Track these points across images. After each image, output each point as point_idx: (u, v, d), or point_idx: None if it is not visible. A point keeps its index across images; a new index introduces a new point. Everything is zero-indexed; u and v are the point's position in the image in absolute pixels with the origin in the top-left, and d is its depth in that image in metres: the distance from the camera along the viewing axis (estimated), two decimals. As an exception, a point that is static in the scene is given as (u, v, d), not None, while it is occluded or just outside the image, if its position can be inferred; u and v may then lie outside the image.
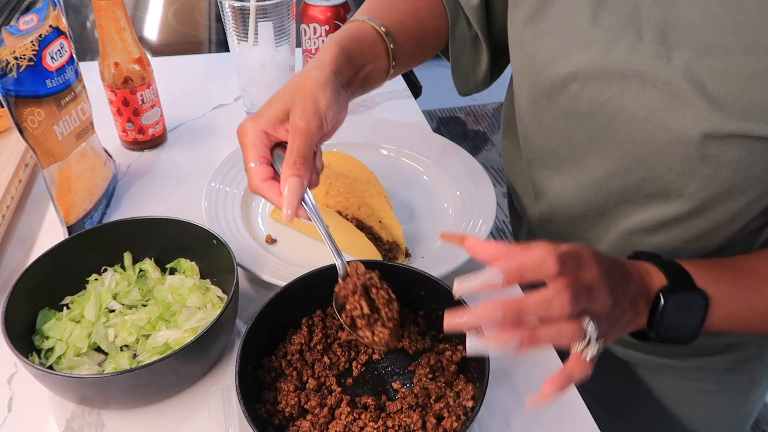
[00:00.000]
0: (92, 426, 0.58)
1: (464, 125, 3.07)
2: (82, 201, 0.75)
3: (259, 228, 0.79)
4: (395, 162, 0.91)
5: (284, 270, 0.70)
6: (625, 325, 0.52)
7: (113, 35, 0.83)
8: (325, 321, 0.63)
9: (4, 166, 0.81)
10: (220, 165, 0.84)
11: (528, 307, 0.43)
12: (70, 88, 0.72)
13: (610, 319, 0.48)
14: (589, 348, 0.46)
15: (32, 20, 0.65)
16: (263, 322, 0.58)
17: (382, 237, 0.75)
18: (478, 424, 0.58)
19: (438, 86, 3.30)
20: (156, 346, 0.61)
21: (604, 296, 0.46)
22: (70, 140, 0.73)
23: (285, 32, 0.91)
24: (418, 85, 1.34)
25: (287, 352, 0.60)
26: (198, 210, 0.78)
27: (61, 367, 0.59)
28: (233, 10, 0.88)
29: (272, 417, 0.56)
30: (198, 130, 0.99)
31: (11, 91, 0.63)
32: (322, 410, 0.56)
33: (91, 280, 0.66)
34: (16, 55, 0.63)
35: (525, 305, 0.43)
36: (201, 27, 1.42)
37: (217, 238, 0.65)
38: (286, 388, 0.57)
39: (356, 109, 1.06)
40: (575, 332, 0.45)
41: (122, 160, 0.91)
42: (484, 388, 0.52)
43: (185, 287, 0.65)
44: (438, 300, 0.61)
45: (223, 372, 0.63)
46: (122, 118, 0.89)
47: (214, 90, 1.09)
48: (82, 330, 0.61)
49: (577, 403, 0.61)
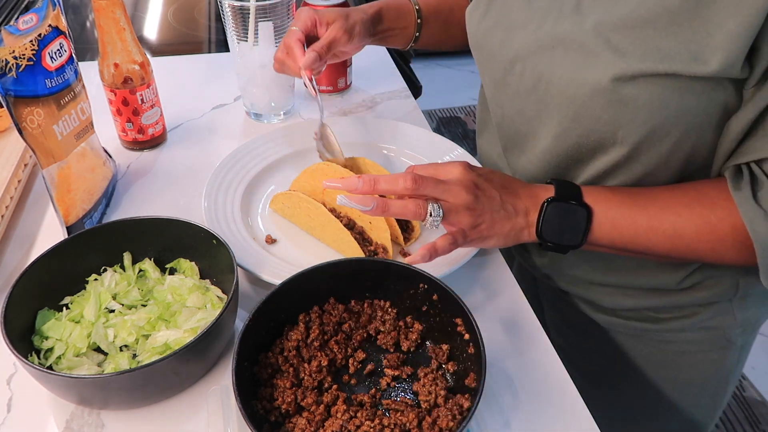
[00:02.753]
0: (92, 426, 0.58)
1: (464, 125, 3.07)
2: (81, 201, 0.75)
3: (259, 228, 0.79)
4: (395, 162, 0.91)
5: (284, 270, 0.70)
6: (513, 229, 0.65)
7: (113, 35, 0.83)
8: (322, 317, 0.63)
9: (4, 166, 0.81)
10: (220, 165, 0.84)
11: (380, 180, 0.61)
12: (69, 87, 0.72)
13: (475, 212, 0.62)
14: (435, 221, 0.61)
15: (31, 20, 0.65)
16: (260, 319, 0.58)
17: (372, 239, 0.75)
18: (477, 424, 0.58)
19: (438, 86, 3.31)
20: (156, 346, 0.61)
21: (458, 189, 0.61)
22: (69, 140, 0.73)
23: (285, 32, 0.91)
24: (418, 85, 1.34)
25: (284, 348, 0.60)
26: (198, 210, 0.78)
27: (61, 368, 0.59)
28: (233, 9, 0.88)
29: (269, 414, 0.56)
30: (198, 130, 0.99)
31: (10, 90, 0.63)
32: (318, 407, 0.56)
33: (90, 280, 0.66)
34: (15, 54, 0.63)
35: (378, 179, 0.61)
36: (201, 27, 1.42)
37: (217, 238, 0.65)
38: (282, 384, 0.57)
39: (356, 109, 1.06)
40: (417, 208, 0.61)
41: (122, 160, 0.91)
42: (480, 388, 0.52)
43: (185, 287, 0.65)
44: (437, 300, 0.61)
45: (223, 372, 0.63)
46: (122, 118, 0.89)
47: (214, 90, 1.09)
48: (82, 330, 0.61)
49: (577, 403, 0.61)
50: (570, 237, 0.65)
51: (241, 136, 0.98)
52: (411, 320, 0.64)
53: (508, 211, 0.64)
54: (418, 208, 0.61)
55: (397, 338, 0.63)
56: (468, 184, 0.62)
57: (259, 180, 0.85)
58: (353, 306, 0.65)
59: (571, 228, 0.65)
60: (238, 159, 0.86)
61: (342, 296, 0.64)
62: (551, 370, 0.64)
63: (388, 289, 0.64)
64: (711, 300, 0.77)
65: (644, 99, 0.58)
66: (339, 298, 0.64)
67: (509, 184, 0.66)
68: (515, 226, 0.65)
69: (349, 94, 1.10)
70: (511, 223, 0.64)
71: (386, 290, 0.64)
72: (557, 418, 0.60)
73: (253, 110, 1.01)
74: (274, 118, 1.01)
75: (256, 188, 0.84)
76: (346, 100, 1.08)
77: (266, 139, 0.90)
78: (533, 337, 0.68)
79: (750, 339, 0.84)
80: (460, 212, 0.62)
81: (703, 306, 0.78)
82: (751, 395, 1.86)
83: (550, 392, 0.62)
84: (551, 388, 0.62)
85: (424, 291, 0.62)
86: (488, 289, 0.73)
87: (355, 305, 0.65)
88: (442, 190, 0.62)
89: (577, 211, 0.64)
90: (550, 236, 0.65)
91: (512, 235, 0.65)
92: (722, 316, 0.78)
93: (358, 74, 1.13)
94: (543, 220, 0.64)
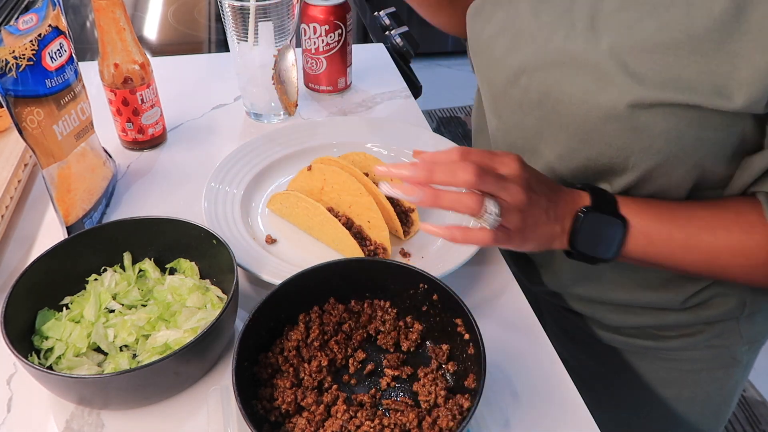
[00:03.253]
0: (92, 426, 0.58)
1: (464, 125, 3.07)
2: (81, 201, 0.75)
3: (259, 228, 0.79)
4: (395, 162, 0.91)
5: (284, 270, 0.70)
6: (550, 235, 0.61)
7: (113, 35, 0.82)
8: (323, 317, 0.63)
9: (4, 166, 0.81)
10: (219, 165, 0.84)
11: (437, 169, 0.54)
12: (69, 87, 0.72)
13: (526, 215, 0.57)
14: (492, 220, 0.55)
15: (31, 20, 0.65)
16: (260, 319, 0.58)
17: (371, 237, 0.75)
18: (477, 424, 0.57)
19: (438, 86, 3.31)
20: (156, 346, 0.61)
21: (516, 189, 0.56)
22: (69, 140, 0.73)
23: (285, 32, 0.91)
24: (418, 85, 1.34)
25: (284, 348, 0.60)
26: (198, 210, 0.78)
27: (61, 368, 0.59)
28: (233, 9, 0.88)
29: (269, 414, 0.56)
30: (198, 130, 0.99)
31: (10, 90, 0.63)
32: (318, 408, 0.56)
33: (90, 280, 0.66)
34: (15, 54, 0.63)
35: (435, 167, 0.54)
36: (201, 27, 1.42)
37: (217, 238, 0.65)
38: (282, 384, 0.57)
39: (356, 109, 1.06)
40: (474, 204, 0.54)
41: (122, 160, 0.91)
42: (480, 388, 0.52)
43: (185, 287, 0.65)
44: (437, 300, 0.61)
45: (223, 372, 0.63)
46: (122, 118, 0.89)
47: (214, 90, 1.09)
48: (82, 330, 0.61)
49: (577, 403, 0.61)
50: (603, 249, 0.62)
51: (241, 136, 0.98)
52: (411, 320, 0.64)
53: (550, 216, 0.60)
54: (475, 203, 0.55)
55: (397, 338, 0.63)
56: (525, 184, 0.57)
57: (259, 180, 0.85)
58: (353, 306, 0.65)
59: (605, 240, 0.61)
60: (238, 159, 0.86)
61: (342, 296, 0.64)
62: (551, 370, 0.64)
63: (388, 289, 0.64)
64: (717, 318, 0.75)
65: (661, 128, 0.56)
66: (339, 298, 0.64)
67: (552, 187, 0.62)
68: (552, 233, 0.61)
69: (349, 94, 1.10)
70: (550, 229, 0.61)
71: (386, 290, 0.64)
72: (557, 418, 0.60)
73: (253, 110, 1.01)
74: (274, 118, 1.01)
75: (256, 188, 0.84)
76: (346, 100, 1.08)
77: (266, 139, 0.90)
78: (533, 338, 0.68)
79: (755, 355, 0.82)
80: (513, 213, 0.57)
81: (709, 324, 0.76)
82: (751, 395, 1.86)
83: (550, 392, 0.62)
84: (551, 389, 0.62)
85: (424, 291, 0.62)
86: (488, 289, 0.73)
87: (355, 305, 0.65)
88: (501, 187, 0.56)
89: (613, 223, 0.61)
90: (583, 247, 0.61)
91: (546, 242, 0.62)
92: (728, 334, 0.76)
93: (358, 74, 1.13)
94: (579, 230, 0.61)
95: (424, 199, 0.55)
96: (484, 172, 0.55)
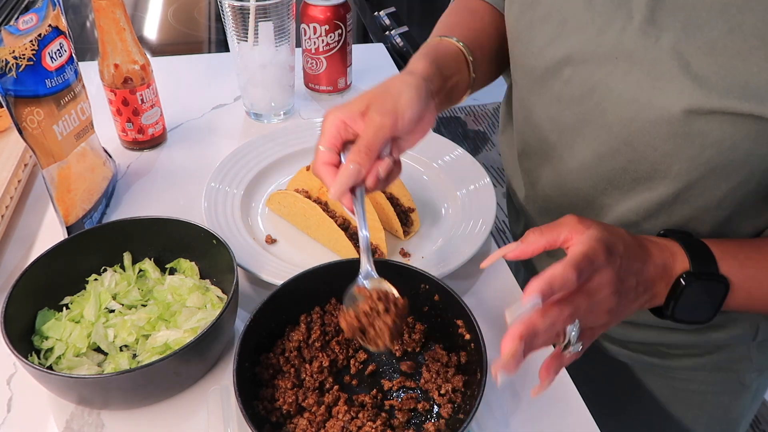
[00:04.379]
0: (92, 426, 0.58)
1: (464, 125, 3.07)
2: (81, 201, 0.75)
3: (259, 228, 0.79)
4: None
5: (284, 270, 0.70)
6: (639, 307, 0.55)
7: (113, 35, 0.82)
8: (324, 318, 0.63)
9: (4, 166, 0.81)
10: (219, 165, 0.84)
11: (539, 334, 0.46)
12: (69, 87, 0.72)
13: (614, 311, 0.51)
14: (569, 347, 0.50)
15: (31, 20, 0.65)
16: (261, 320, 0.58)
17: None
18: (477, 424, 0.57)
19: (438, 86, 3.31)
20: (156, 346, 0.61)
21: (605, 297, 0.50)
22: (69, 140, 0.72)
23: (285, 32, 0.91)
24: (418, 85, 1.33)
25: (285, 349, 0.60)
26: (198, 210, 0.78)
27: (61, 368, 0.59)
28: (233, 9, 0.87)
29: (270, 414, 0.56)
30: (198, 130, 0.99)
31: (10, 90, 0.63)
32: (319, 408, 0.56)
33: (90, 280, 0.66)
34: (15, 54, 0.63)
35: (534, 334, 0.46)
36: (201, 27, 1.42)
37: (217, 238, 0.65)
38: (283, 385, 0.57)
39: (356, 109, 1.06)
40: (559, 337, 0.50)
41: (122, 160, 0.91)
42: (482, 389, 0.52)
43: (185, 287, 0.65)
44: (438, 300, 0.61)
45: (223, 372, 0.63)
46: (122, 118, 0.89)
47: (214, 90, 1.09)
48: (82, 330, 0.61)
49: (577, 403, 0.61)
50: (702, 313, 0.57)
51: (241, 136, 0.98)
52: (413, 321, 0.64)
53: (639, 292, 0.54)
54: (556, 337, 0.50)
55: (399, 339, 0.63)
56: (615, 287, 0.50)
57: (259, 180, 0.85)
58: (354, 306, 0.64)
59: (706, 304, 0.56)
60: (238, 159, 0.85)
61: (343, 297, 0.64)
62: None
63: (388, 290, 0.64)
64: (727, 342, 0.72)
65: (715, 137, 0.52)
66: (340, 298, 0.64)
67: (640, 254, 0.54)
68: (640, 305, 0.55)
69: (349, 94, 1.10)
70: (639, 303, 0.54)
71: (387, 290, 0.64)
72: (557, 419, 0.60)
73: (253, 110, 1.01)
74: (274, 118, 1.01)
75: (256, 188, 0.84)
76: (346, 100, 1.07)
77: (266, 139, 0.90)
78: (534, 338, 0.67)
79: (765, 384, 0.79)
80: (599, 318, 0.51)
81: (718, 347, 0.73)
82: (751, 395, 1.86)
83: (551, 392, 0.62)
84: (552, 389, 0.62)
85: (425, 292, 0.62)
86: (489, 289, 0.73)
87: (355, 305, 0.64)
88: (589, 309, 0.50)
89: (714, 288, 0.55)
90: (681, 314, 0.56)
91: (634, 311, 0.55)
92: (738, 359, 0.74)
93: (358, 74, 1.13)
94: (680, 298, 0.55)
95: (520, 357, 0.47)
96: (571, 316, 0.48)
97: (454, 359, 0.60)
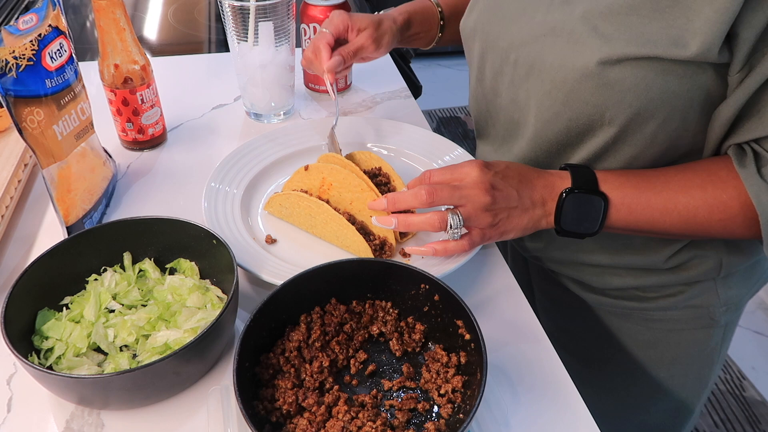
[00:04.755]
0: (92, 426, 0.58)
1: (464, 125, 3.07)
2: (81, 201, 0.75)
3: (259, 228, 0.79)
4: (395, 162, 0.91)
5: (284, 270, 0.70)
6: (532, 220, 0.67)
7: (113, 35, 0.82)
8: (324, 318, 0.63)
9: (4, 166, 0.81)
10: (219, 165, 0.84)
11: (398, 200, 0.67)
12: (69, 87, 0.72)
13: (495, 212, 0.65)
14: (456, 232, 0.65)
15: (31, 20, 0.65)
16: (261, 319, 0.58)
17: (374, 232, 0.75)
18: (477, 424, 0.57)
19: (438, 86, 3.31)
20: (156, 346, 0.61)
21: (476, 193, 0.64)
22: (69, 140, 0.72)
23: (285, 32, 0.91)
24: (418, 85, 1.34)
25: (285, 349, 0.60)
26: (198, 210, 0.78)
27: (61, 368, 0.59)
28: (233, 9, 0.87)
29: (270, 414, 0.56)
30: (198, 130, 0.99)
31: (10, 90, 0.63)
32: (319, 408, 0.56)
33: (90, 280, 0.66)
34: (15, 54, 0.63)
35: (396, 198, 0.68)
36: (201, 27, 1.42)
37: (217, 238, 0.65)
38: (283, 385, 0.57)
39: (356, 109, 1.06)
40: (436, 221, 0.65)
41: (122, 160, 0.91)
42: (482, 389, 0.52)
43: (185, 287, 0.65)
44: (439, 300, 0.61)
45: (223, 372, 0.63)
46: (122, 118, 0.89)
47: (214, 90, 1.09)
48: (82, 330, 0.61)
49: (577, 403, 0.61)
50: (588, 225, 0.67)
51: (241, 136, 0.98)
52: (413, 321, 0.64)
53: (525, 204, 0.66)
54: (436, 220, 0.65)
55: (399, 339, 0.63)
56: (485, 186, 0.65)
57: (259, 180, 0.85)
58: (355, 306, 0.64)
59: (589, 217, 0.67)
60: (238, 159, 0.85)
61: (343, 297, 0.64)
62: (552, 370, 0.64)
63: (389, 290, 0.64)
64: (695, 279, 0.79)
65: (629, 82, 0.61)
66: (340, 298, 0.64)
67: (525, 176, 0.68)
68: (533, 218, 0.67)
69: (349, 94, 1.10)
70: (529, 215, 0.67)
71: (388, 291, 0.64)
72: (557, 419, 0.60)
73: (253, 110, 1.01)
74: (274, 118, 1.01)
75: (256, 188, 0.84)
76: (346, 100, 1.08)
77: (266, 139, 0.90)
78: (534, 338, 0.68)
79: (734, 318, 0.86)
80: (480, 215, 0.65)
81: (688, 285, 0.80)
82: (751, 395, 1.86)
83: (551, 393, 0.62)
84: (552, 389, 0.62)
85: (425, 291, 0.62)
86: (489, 289, 0.73)
87: (356, 306, 0.65)
88: (459, 197, 0.64)
89: (594, 201, 0.66)
90: (568, 225, 0.67)
91: (530, 226, 0.68)
92: (706, 294, 0.81)
93: (358, 74, 1.13)
94: (561, 211, 0.66)
95: (398, 225, 0.67)
96: (436, 190, 0.64)
97: (454, 359, 0.60)
